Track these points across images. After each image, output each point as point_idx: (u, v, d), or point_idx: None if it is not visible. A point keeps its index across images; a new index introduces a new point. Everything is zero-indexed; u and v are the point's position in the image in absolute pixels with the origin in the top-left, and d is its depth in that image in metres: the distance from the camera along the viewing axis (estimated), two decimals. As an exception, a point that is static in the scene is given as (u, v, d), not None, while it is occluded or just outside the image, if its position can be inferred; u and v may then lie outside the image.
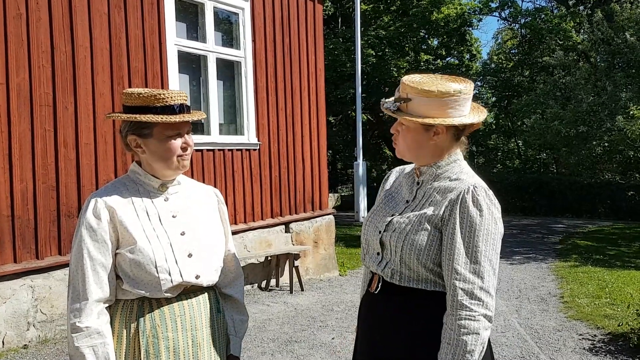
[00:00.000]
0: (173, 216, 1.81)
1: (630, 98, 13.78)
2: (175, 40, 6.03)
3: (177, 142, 1.78)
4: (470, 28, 23.48)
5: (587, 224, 15.22)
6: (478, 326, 1.59)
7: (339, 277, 7.88)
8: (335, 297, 6.65)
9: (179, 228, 1.80)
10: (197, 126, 6.35)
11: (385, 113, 1.78)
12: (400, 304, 1.73)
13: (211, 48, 6.50)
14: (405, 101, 1.70)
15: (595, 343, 4.96)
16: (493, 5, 23.44)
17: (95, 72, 5.26)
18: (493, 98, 25.45)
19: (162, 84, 5.83)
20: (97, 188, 4.69)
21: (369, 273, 1.87)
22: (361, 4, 16.46)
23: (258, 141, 6.94)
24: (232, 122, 6.97)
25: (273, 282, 7.06)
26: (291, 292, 6.78)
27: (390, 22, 21.92)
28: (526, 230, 13.79)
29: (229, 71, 6.87)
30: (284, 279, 7.13)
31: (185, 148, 1.79)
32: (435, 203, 1.72)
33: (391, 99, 1.75)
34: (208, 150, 6.34)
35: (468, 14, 22.60)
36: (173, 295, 1.76)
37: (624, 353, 4.70)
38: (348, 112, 21.69)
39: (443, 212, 1.68)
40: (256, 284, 6.99)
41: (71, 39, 5.08)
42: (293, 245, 7.40)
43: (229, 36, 6.99)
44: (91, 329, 1.67)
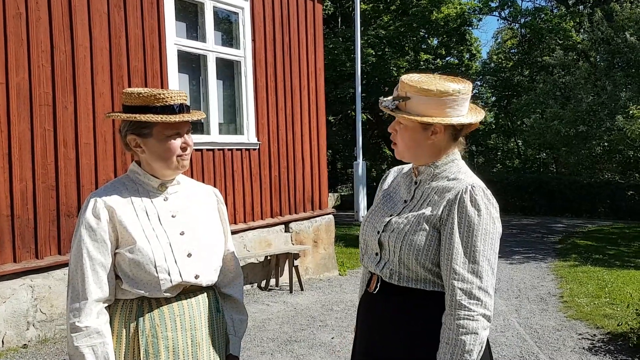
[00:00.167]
0: (172, 216, 1.81)
1: (630, 98, 13.79)
2: (175, 39, 6.03)
3: (177, 142, 1.78)
4: (470, 27, 23.47)
5: (587, 224, 15.23)
6: (477, 326, 1.59)
7: (339, 277, 7.89)
8: (334, 297, 6.65)
9: (179, 228, 1.80)
10: (197, 126, 6.35)
11: (384, 112, 1.78)
12: (399, 304, 1.73)
13: (211, 47, 6.50)
14: (404, 100, 1.70)
15: (594, 343, 4.96)
16: (493, 4, 23.45)
17: (95, 72, 5.26)
18: (493, 97, 25.46)
19: (162, 84, 5.83)
20: (97, 188, 4.68)
21: (368, 273, 1.87)
22: (361, 4, 16.46)
23: (258, 141, 6.94)
24: (232, 122, 6.97)
25: (273, 282, 7.07)
26: (291, 292, 6.79)
27: (390, 22, 21.92)
28: (526, 229, 13.80)
29: (229, 71, 6.87)
30: (284, 279, 7.14)
31: (184, 148, 1.79)
32: (433, 203, 1.72)
33: (390, 98, 1.75)
34: (208, 150, 6.34)
35: (468, 14, 22.60)
36: (172, 295, 1.76)
37: (624, 353, 4.70)
38: (348, 112, 21.69)
39: (441, 212, 1.69)
40: (256, 284, 6.99)
41: (71, 39, 5.08)
42: (293, 244, 7.40)
43: (229, 36, 6.99)
44: (90, 329, 1.67)
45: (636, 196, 17.22)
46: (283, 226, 7.34)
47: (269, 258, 7.01)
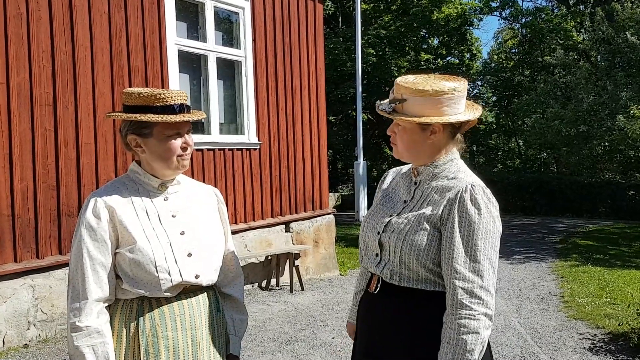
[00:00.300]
0: (173, 216, 1.81)
1: (630, 97, 13.78)
2: (175, 39, 6.03)
3: (177, 142, 1.78)
4: (470, 27, 23.47)
5: (588, 224, 15.22)
6: (478, 325, 1.59)
7: (339, 277, 7.89)
8: (335, 297, 6.65)
9: (179, 227, 1.80)
10: (198, 126, 6.36)
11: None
12: (399, 305, 1.73)
13: (211, 47, 6.50)
14: (400, 102, 1.71)
15: (595, 342, 4.96)
16: (493, 4, 23.44)
17: (95, 72, 5.26)
18: (493, 97, 25.46)
19: (163, 84, 5.83)
20: (98, 187, 4.69)
21: (367, 273, 1.87)
22: (361, 3, 16.46)
23: (258, 141, 6.94)
24: (233, 122, 6.97)
25: (273, 282, 7.07)
26: (291, 292, 6.79)
27: (390, 22, 21.92)
28: (526, 229, 13.79)
29: (230, 71, 6.87)
30: (284, 279, 7.14)
31: (185, 148, 1.79)
32: (433, 203, 1.72)
33: (386, 101, 1.75)
34: (208, 149, 6.35)
35: (468, 14, 22.59)
36: (173, 294, 1.76)
37: (625, 352, 4.70)
38: (348, 112, 21.68)
39: (442, 212, 1.69)
40: (256, 284, 6.99)
41: (71, 39, 5.08)
42: (293, 244, 7.40)
43: (229, 35, 6.99)
44: (91, 328, 1.67)
45: (637, 196, 17.21)
46: (284, 226, 7.34)
47: (270, 258, 7.01)
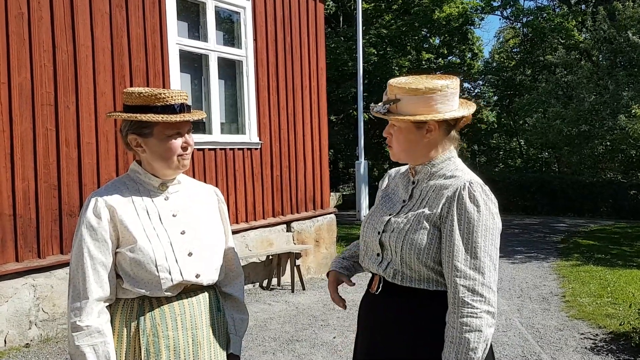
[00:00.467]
0: (173, 215, 1.81)
1: (632, 97, 13.77)
2: (176, 39, 6.03)
3: (178, 142, 1.78)
4: (472, 27, 23.45)
5: (589, 223, 15.20)
6: (481, 323, 1.59)
7: (341, 276, 7.88)
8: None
9: (179, 227, 1.80)
10: (199, 125, 6.36)
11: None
12: (402, 305, 1.73)
13: (212, 47, 6.50)
14: (394, 102, 1.72)
15: (597, 342, 4.95)
16: (495, 4, 23.43)
17: (96, 72, 5.27)
18: (495, 97, 25.44)
19: (164, 83, 5.84)
20: (99, 187, 4.70)
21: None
22: (363, 3, 16.46)
23: (259, 140, 6.94)
24: (234, 121, 6.97)
25: (274, 281, 7.07)
26: (292, 291, 6.79)
27: (391, 21, 21.91)
28: (528, 229, 13.78)
29: (231, 70, 6.88)
30: (286, 278, 7.14)
31: (185, 147, 1.80)
32: (432, 201, 1.73)
33: (380, 104, 1.77)
34: (210, 149, 6.35)
35: (470, 13, 22.58)
36: (173, 294, 1.76)
37: (626, 352, 4.69)
38: (349, 111, 21.68)
39: (441, 210, 1.69)
40: (257, 283, 6.99)
41: (73, 38, 5.08)
42: (294, 244, 7.40)
43: (231, 35, 6.99)
44: (92, 328, 1.67)
45: (639, 196, 17.18)
46: (285, 226, 7.34)
47: (271, 257, 7.01)
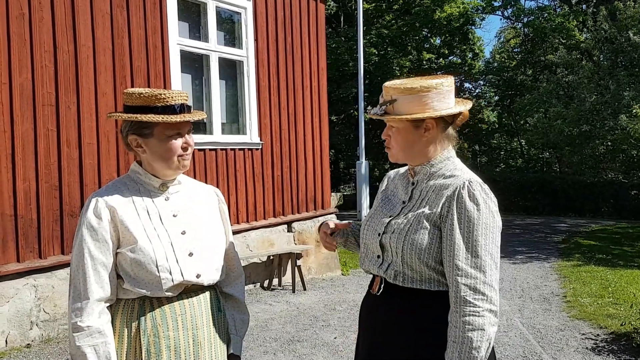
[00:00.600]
0: (174, 215, 1.81)
1: (633, 97, 13.75)
2: (177, 39, 6.03)
3: (178, 142, 1.78)
4: (472, 27, 23.45)
5: (590, 223, 15.19)
6: (483, 322, 1.58)
7: (341, 277, 7.88)
8: (337, 297, 6.65)
9: (180, 227, 1.80)
10: (200, 126, 6.36)
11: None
12: (403, 305, 1.73)
13: (213, 47, 6.50)
14: (390, 103, 1.73)
15: (598, 343, 4.95)
16: (496, 4, 23.42)
17: (97, 72, 5.27)
18: (496, 97, 25.43)
19: (165, 84, 5.84)
20: (100, 187, 4.70)
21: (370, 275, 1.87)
22: (363, 3, 16.45)
23: (260, 140, 6.94)
24: (235, 122, 6.97)
25: (275, 282, 7.07)
26: (293, 292, 6.79)
27: (392, 21, 21.92)
28: (529, 229, 13.77)
29: (232, 70, 6.88)
30: (287, 279, 7.14)
31: (185, 148, 1.80)
32: (431, 201, 1.73)
33: (377, 107, 1.79)
34: (210, 149, 6.35)
35: (471, 13, 22.57)
36: (174, 294, 1.76)
37: (627, 352, 4.69)
38: (350, 111, 21.69)
39: (441, 210, 1.69)
40: (258, 284, 6.99)
41: (74, 39, 5.09)
42: (295, 244, 7.40)
43: (231, 35, 7.00)
44: (92, 328, 1.67)
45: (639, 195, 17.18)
46: (286, 226, 7.34)
47: (272, 258, 7.01)
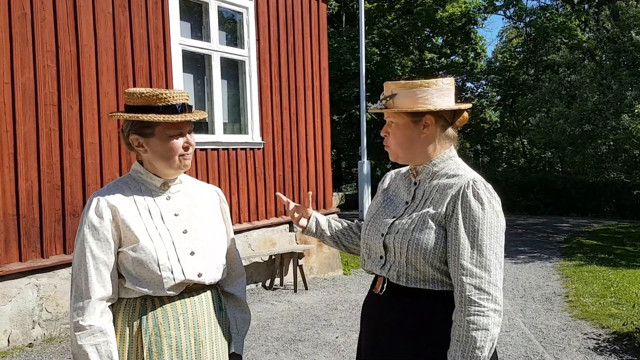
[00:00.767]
0: (175, 214, 1.81)
1: (635, 97, 13.72)
2: (179, 39, 6.04)
3: (179, 142, 1.78)
4: (474, 26, 23.43)
5: (592, 223, 15.16)
6: (488, 322, 1.59)
7: (343, 276, 7.89)
8: (339, 296, 6.65)
9: (181, 226, 1.80)
10: (202, 125, 6.37)
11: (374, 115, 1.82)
12: (406, 305, 1.73)
13: (215, 47, 6.51)
14: (391, 97, 1.74)
15: (600, 342, 4.94)
16: (498, 3, 23.40)
17: (99, 72, 5.28)
18: (498, 97, 25.39)
19: (167, 84, 5.85)
20: (102, 187, 4.71)
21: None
22: (365, 3, 16.45)
23: (262, 140, 6.95)
24: (237, 122, 6.98)
25: (277, 281, 7.07)
26: (295, 291, 6.79)
27: (394, 21, 21.92)
28: (531, 229, 13.75)
29: (233, 70, 6.88)
30: (288, 278, 7.14)
31: (187, 147, 1.80)
32: (436, 201, 1.72)
33: (377, 102, 1.79)
34: (212, 149, 6.36)
35: (473, 13, 22.56)
36: (176, 293, 1.76)
37: (629, 352, 4.68)
38: (352, 111, 21.69)
39: (445, 209, 1.69)
40: (260, 283, 7.00)
41: (76, 39, 5.10)
42: (297, 244, 7.41)
43: (233, 35, 7.00)
44: (94, 328, 1.67)
45: (642, 195, 17.15)
46: (287, 225, 7.34)
47: (274, 257, 7.01)
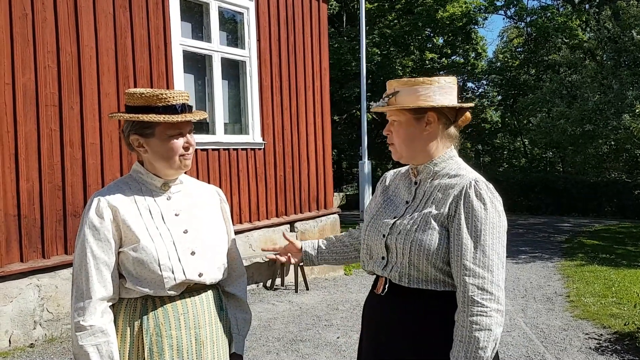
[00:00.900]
0: (175, 214, 1.82)
1: (636, 96, 13.70)
2: (180, 40, 6.04)
3: (179, 142, 1.78)
4: (475, 26, 23.42)
5: (594, 223, 15.15)
6: (490, 322, 1.59)
7: (344, 277, 7.89)
8: (340, 296, 6.65)
9: (182, 226, 1.81)
10: (202, 126, 6.37)
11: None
12: (408, 305, 1.72)
13: (216, 48, 6.51)
14: (393, 95, 1.75)
15: (601, 342, 4.94)
16: (498, 3, 23.39)
17: (100, 72, 5.28)
18: (499, 96, 25.38)
19: (168, 84, 5.85)
20: (103, 187, 4.71)
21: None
22: (366, 3, 16.45)
23: (263, 140, 6.95)
24: (237, 122, 6.98)
25: (278, 281, 7.07)
26: (296, 291, 6.79)
27: (395, 21, 21.92)
28: (532, 229, 13.75)
29: (234, 71, 6.88)
30: (289, 278, 7.14)
31: (187, 147, 1.80)
32: (437, 201, 1.72)
33: (379, 101, 1.80)
34: (213, 149, 6.36)
35: (473, 12, 22.55)
36: (176, 293, 1.77)
37: (631, 352, 4.68)
38: (353, 111, 21.69)
39: (448, 210, 1.68)
40: (261, 283, 7.00)
41: (77, 39, 5.10)
42: (298, 244, 7.40)
43: (234, 36, 7.00)
44: (95, 328, 1.68)
45: (643, 195, 17.14)
46: (288, 226, 7.34)
47: (275, 258, 7.01)
